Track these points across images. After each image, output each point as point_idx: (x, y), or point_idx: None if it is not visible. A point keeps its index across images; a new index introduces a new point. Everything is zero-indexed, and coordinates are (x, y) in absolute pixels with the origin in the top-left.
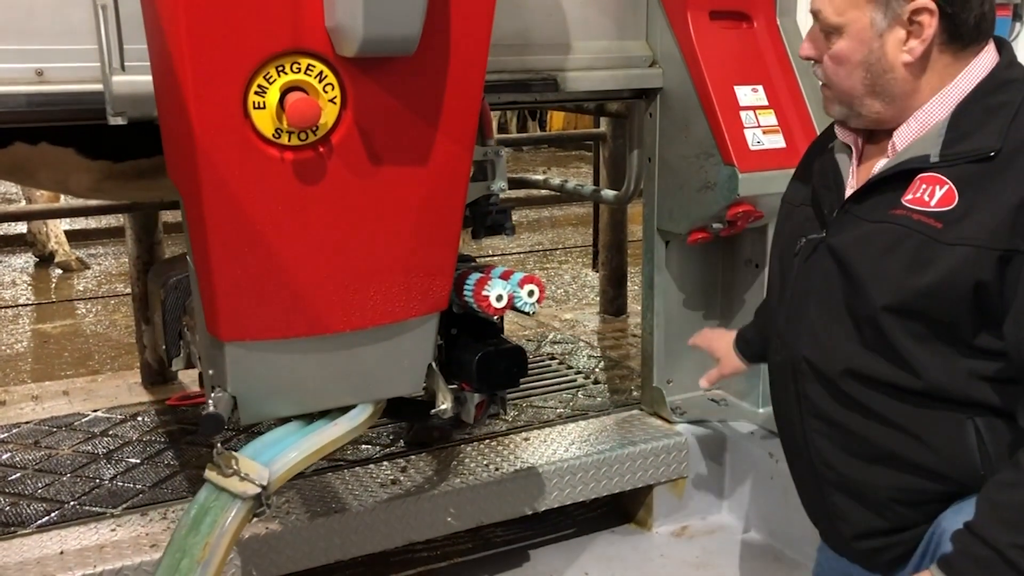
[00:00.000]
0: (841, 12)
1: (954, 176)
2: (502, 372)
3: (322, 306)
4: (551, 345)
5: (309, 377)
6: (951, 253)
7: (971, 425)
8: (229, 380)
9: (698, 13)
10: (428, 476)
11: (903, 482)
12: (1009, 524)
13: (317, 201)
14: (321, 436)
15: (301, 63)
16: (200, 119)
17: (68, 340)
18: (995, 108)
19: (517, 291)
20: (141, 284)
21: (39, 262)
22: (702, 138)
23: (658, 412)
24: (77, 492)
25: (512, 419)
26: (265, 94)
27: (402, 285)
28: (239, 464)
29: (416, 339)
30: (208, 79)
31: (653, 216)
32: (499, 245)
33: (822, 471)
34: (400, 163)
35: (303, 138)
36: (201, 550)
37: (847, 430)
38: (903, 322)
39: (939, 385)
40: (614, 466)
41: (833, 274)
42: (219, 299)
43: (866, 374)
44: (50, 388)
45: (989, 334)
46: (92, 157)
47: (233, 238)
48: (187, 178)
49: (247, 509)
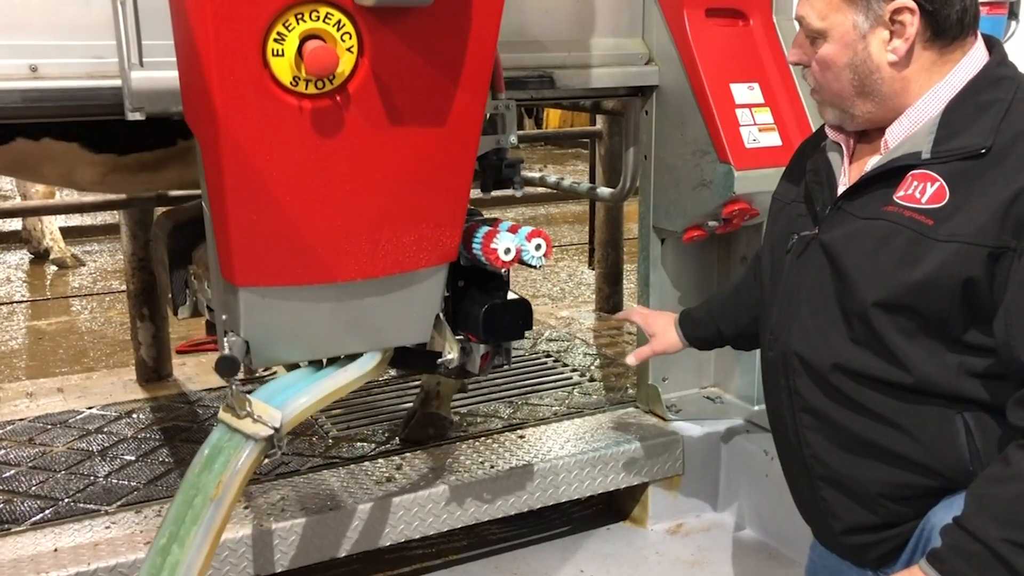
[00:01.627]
0: (824, 16)
1: (945, 173)
2: (508, 324)
3: (335, 254)
4: (547, 343)
5: (320, 324)
6: (942, 249)
7: (960, 420)
8: (242, 325)
9: (694, 11)
10: (423, 473)
11: (892, 477)
12: (998, 518)
13: (333, 149)
14: (331, 382)
15: (320, 11)
16: (219, 65)
17: (63, 337)
18: (986, 105)
19: (524, 244)
20: (136, 281)
21: (34, 259)
22: (698, 136)
23: (653, 410)
24: (71, 489)
25: (508, 416)
26: (284, 41)
27: (413, 236)
28: (252, 406)
29: (425, 290)
30: (227, 25)
31: (649, 214)
32: None
33: (813, 466)
34: (415, 114)
35: (320, 86)
36: (215, 488)
37: (837, 425)
38: (893, 317)
39: (928, 380)
40: (609, 464)
41: (825, 270)
42: (234, 244)
43: (856, 369)
44: (44, 385)
45: (978, 330)
46: (97, 151)
47: (249, 184)
48: (205, 124)
49: (259, 450)
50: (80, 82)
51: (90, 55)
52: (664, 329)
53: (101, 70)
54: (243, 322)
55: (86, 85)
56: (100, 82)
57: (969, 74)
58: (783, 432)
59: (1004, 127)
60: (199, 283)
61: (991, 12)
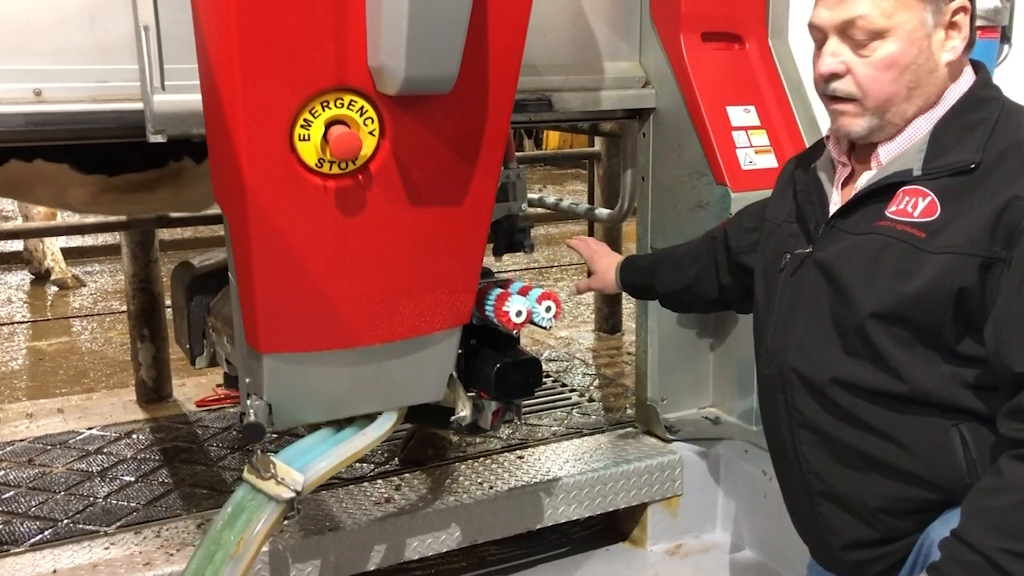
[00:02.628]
0: (890, 14)
1: (936, 188)
2: (518, 382)
3: (355, 321)
4: (547, 363)
5: (340, 386)
6: (935, 261)
7: (956, 433)
8: (266, 389)
9: (691, 35)
10: (422, 494)
11: (891, 491)
12: (995, 529)
13: (355, 225)
14: (350, 445)
15: (344, 99)
16: (249, 151)
17: (63, 358)
18: (973, 125)
19: (535, 307)
20: (137, 302)
21: (35, 279)
22: (695, 158)
23: (652, 430)
24: (71, 510)
25: (507, 437)
26: (310, 127)
27: (429, 301)
28: (277, 469)
29: (440, 351)
30: (258, 114)
31: (647, 235)
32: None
33: (811, 482)
34: (432, 190)
35: (344, 167)
36: (235, 546)
37: (836, 440)
38: (890, 328)
39: (924, 390)
40: (608, 484)
41: (820, 286)
42: (260, 315)
43: (853, 382)
44: (45, 406)
45: (972, 339)
46: (87, 172)
47: (276, 260)
48: (234, 204)
49: (280, 511)
50: (83, 106)
51: (94, 80)
52: (605, 269)
53: (104, 94)
54: (267, 386)
55: (89, 109)
56: (103, 106)
57: (959, 94)
58: (781, 449)
59: (991, 145)
60: (217, 336)
61: (983, 36)
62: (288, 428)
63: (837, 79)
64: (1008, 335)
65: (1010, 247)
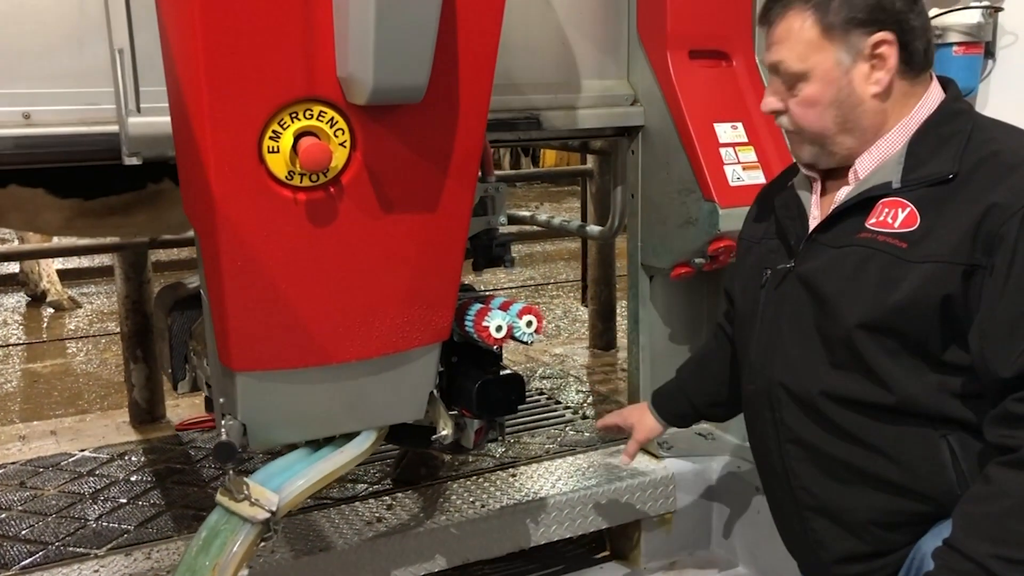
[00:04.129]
0: (804, 58)
1: (914, 199)
2: (501, 399)
3: (330, 337)
4: (540, 380)
5: (316, 405)
6: (918, 271)
7: (944, 443)
8: (240, 408)
9: (677, 53)
10: (414, 513)
11: (882, 503)
12: (987, 536)
13: (327, 238)
14: (328, 464)
15: (314, 110)
16: (217, 162)
17: (58, 379)
18: (948, 136)
19: (516, 322)
20: (130, 323)
21: (31, 301)
22: (683, 174)
23: (645, 447)
24: (61, 533)
25: (500, 455)
26: (279, 139)
27: (406, 317)
28: (250, 490)
29: (419, 368)
30: (225, 125)
31: (637, 251)
32: (492, 280)
33: (801, 497)
34: (406, 202)
35: (314, 180)
36: (211, 572)
37: (825, 453)
38: (876, 338)
39: (912, 399)
40: (601, 502)
41: (804, 300)
42: (231, 332)
43: (841, 394)
44: (38, 428)
45: (958, 347)
46: (62, 196)
47: (247, 274)
48: (203, 217)
49: (256, 533)
50: (72, 129)
51: (82, 103)
52: (640, 418)
53: (94, 116)
54: (240, 405)
55: (77, 132)
56: (92, 128)
57: (930, 109)
58: (769, 465)
59: (966, 156)
60: (198, 359)
61: (967, 52)
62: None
63: (781, 114)
64: (993, 340)
65: (991, 254)
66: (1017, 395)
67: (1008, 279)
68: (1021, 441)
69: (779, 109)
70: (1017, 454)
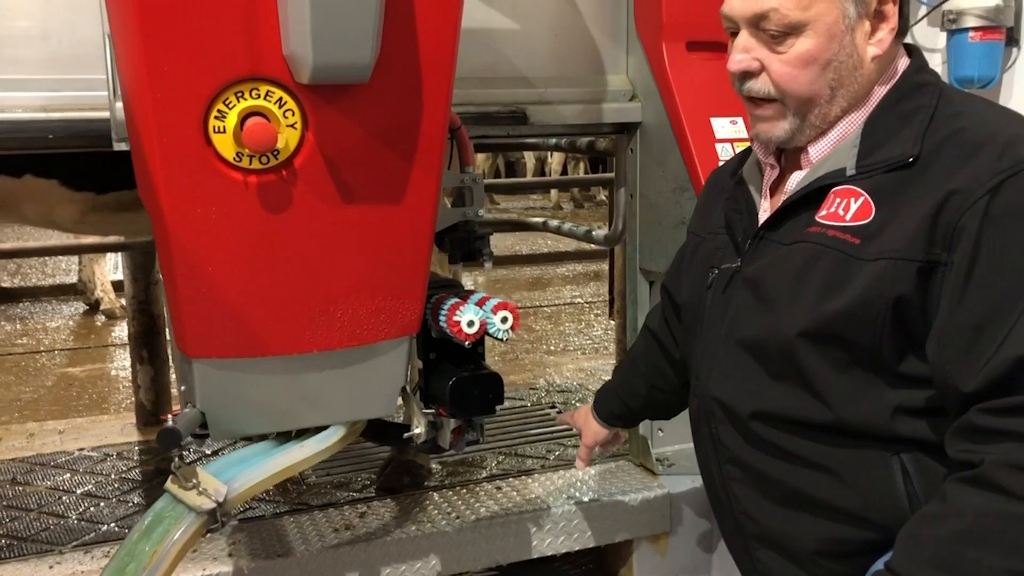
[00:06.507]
0: (806, 6)
1: (869, 187)
2: (476, 398)
3: (288, 326)
4: (556, 393)
5: (278, 397)
6: (869, 269)
7: (897, 463)
8: (198, 396)
9: (674, 45)
10: (385, 522)
11: (827, 531)
12: (931, 561)
13: (282, 224)
14: (286, 457)
15: (260, 89)
16: (161, 142)
17: (91, 383)
18: (910, 114)
19: (490, 317)
20: (136, 323)
21: (88, 310)
22: (677, 172)
23: (643, 463)
24: (35, 528)
25: (492, 467)
26: (225, 119)
27: (369, 308)
28: (199, 478)
29: (386, 363)
30: (167, 104)
31: (636, 255)
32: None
33: (744, 523)
34: (364, 188)
35: (264, 162)
36: (149, 557)
37: (765, 476)
38: (821, 349)
39: (859, 419)
40: (590, 518)
41: (748, 305)
42: (184, 316)
43: (779, 413)
44: (48, 427)
45: (915, 358)
46: (76, 189)
47: (197, 258)
48: (151, 198)
49: (200, 523)
50: (35, 115)
51: (48, 89)
52: (585, 420)
53: (57, 104)
54: (199, 393)
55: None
56: (52, 115)
57: (890, 80)
58: (712, 487)
59: (929, 135)
60: None
61: (985, 38)
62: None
63: (751, 78)
64: (952, 349)
65: (951, 249)
66: (982, 405)
67: (969, 278)
68: (983, 456)
69: (752, 68)
70: (977, 470)
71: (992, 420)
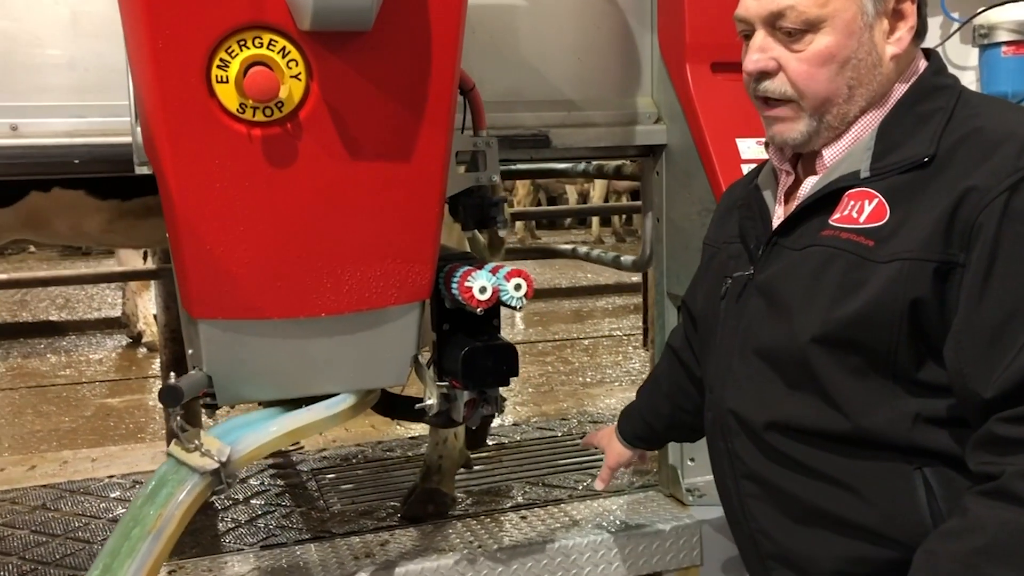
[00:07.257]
0: (824, 3)
1: (884, 188)
2: (490, 369)
3: (294, 288)
4: (588, 425)
5: (285, 361)
6: (884, 272)
7: (919, 477)
8: (204, 359)
9: (698, 66)
10: (407, 551)
11: (846, 550)
12: None
13: (285, 178)
14: (292, 420)
15: (263, 38)
16: (163, 93)
17: (129, 414)
18: (927, 115)
19: (503, 284)
20: (167, 351)
21: (131, 342)
22: (703, 194)
23: (673, 493)
24: (60, 553)
25: (519, 497)
26: (227, 68)
27: (377, 271)
28: (202, 440)
29: (397, 329)
30: (169, 53)
31: (663, 280)
32: (573, 329)
33: (760, 541)
34: (371, 144)
35: (268, 114)
36: (154, 521)
37: (782, 491)
38: (836, 355)
39: (878, 429)
40: (615, 551)
41: (761, 313)
42: (188, 275)
43: (795, 424)
44: (82, 454)
45: (934, 364)
46: (102, 197)
47: (200, 214)
48: (155, 153)
49: (204, 484)
50: (57, 140)
51: (69, 115)
52: (609, 441)
53: (82, 129)
54: (205, 356)
55: (63, 143)
56: (76, 140)
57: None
58: (728, 505)
59: (947, 135)
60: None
61: (1018, 52)
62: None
63: (767, 78)
64: (971, 352)
65: (969, 249)
66: (1003, 415)
67: (987, 279)
68: (1004, 468)
69: (769, 68)
70: (997, 482)
71: (1013, 430)
